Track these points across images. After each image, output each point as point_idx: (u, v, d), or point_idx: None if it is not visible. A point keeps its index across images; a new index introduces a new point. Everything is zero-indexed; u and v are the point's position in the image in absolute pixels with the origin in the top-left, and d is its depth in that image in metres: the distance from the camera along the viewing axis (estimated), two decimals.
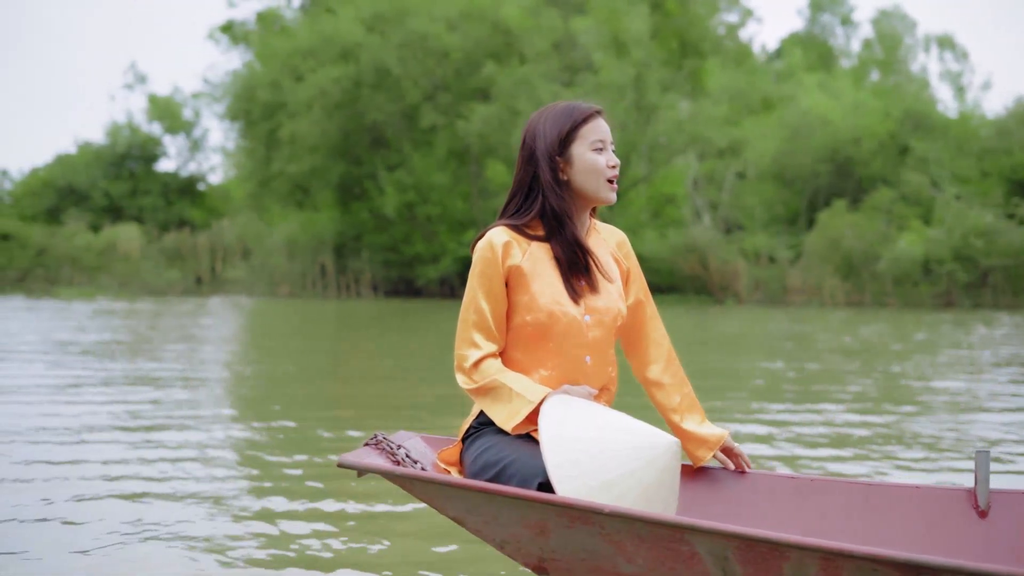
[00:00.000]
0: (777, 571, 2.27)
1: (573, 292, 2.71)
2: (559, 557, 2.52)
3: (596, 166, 2.72)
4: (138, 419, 6.19)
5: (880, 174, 34.28)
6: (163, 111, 40.39)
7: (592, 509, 2.36)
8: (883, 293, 29.44)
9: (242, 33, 38.79)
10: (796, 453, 5.38)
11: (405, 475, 2.56)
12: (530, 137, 2.77)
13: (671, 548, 2.36)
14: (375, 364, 10.60)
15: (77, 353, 10.73)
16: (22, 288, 29.96)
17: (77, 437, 5.50)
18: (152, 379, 8.43)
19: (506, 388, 2.67)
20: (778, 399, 7.76)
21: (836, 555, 2.18)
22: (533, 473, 2.52)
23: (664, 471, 2.55)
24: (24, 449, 5.14)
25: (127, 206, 38.33)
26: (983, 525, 2.84)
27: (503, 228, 2.74)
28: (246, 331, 15.82)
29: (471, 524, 2.58)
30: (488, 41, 29.96)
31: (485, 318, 2.72)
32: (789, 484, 2.96)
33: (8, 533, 3.57)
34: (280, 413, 6.68)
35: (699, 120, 30.70)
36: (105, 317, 18.04)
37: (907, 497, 2.91)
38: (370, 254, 31.77)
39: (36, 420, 6.04)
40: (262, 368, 9.89)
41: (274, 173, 32.20)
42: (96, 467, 4.68)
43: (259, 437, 5.72)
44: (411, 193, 30.66)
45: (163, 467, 4.74)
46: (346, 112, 30.37)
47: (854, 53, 47.14)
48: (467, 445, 2.78)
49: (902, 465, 5.06)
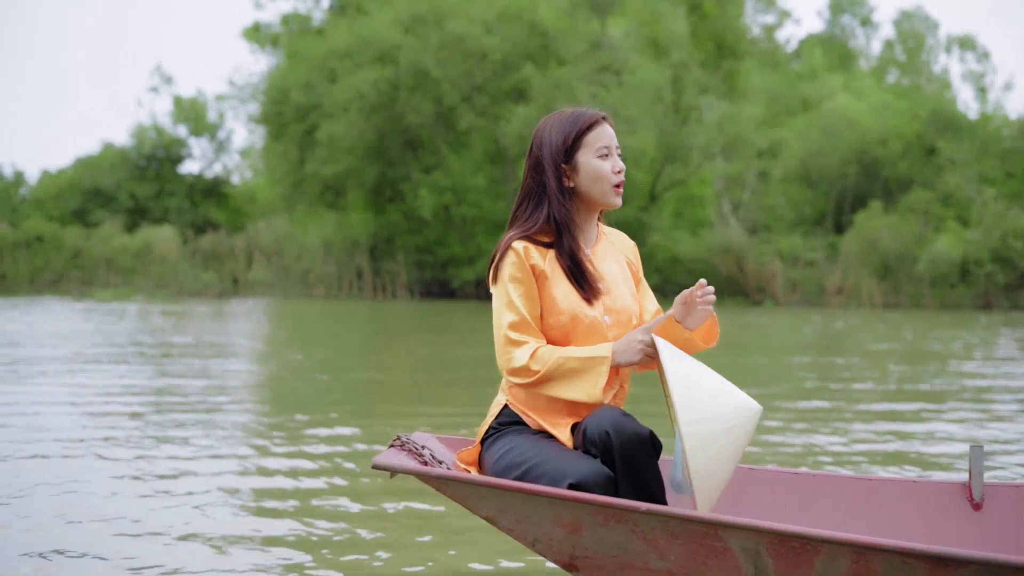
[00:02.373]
0: (808, 565, 2.32)
1: (585, 295, 2.77)
2: (590, 555, 2.57)
3: (602, 172, 2.77)
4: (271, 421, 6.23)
5: (907, 175, 34.33)
6: (188, 113, 40.37)
7: (629, 508, 2.42)
8: (920, 295, 29.50)
9: (269, 35, 38.83)
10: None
11: (441, 476, 2.62)
12: (536, 145, 2.82)
13: (704, 544, 2.40)
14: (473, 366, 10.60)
15: (162, 355, 10.76)
16: (58, 290, 29.92)
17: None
18: (277, 377, 8.51)
19: (572, 359, 2.68)
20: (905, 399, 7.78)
21: (868, 549, 2.23)
22: (562, 473, 2.56)
23: (749, 434, 2.61)
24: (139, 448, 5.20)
25: (152, 208, 38.31)
26: (978, 517, 2.92)
27: (519, 236, 2.79)
28: (314, 334, 15.82)
29: (503, 523, 2.63)
30: (525, 43, 29.99)
31: (525, 318, 2.73)
32: (788, 480, 3.04)
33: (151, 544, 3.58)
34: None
35: (739, 122, 30.74)
36: (165, 319, 18.05)
37: (903, 491, 2.99)
38: (404, 256, 31.78)
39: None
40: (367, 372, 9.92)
41: (307, 175, 32.19)
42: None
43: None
44: (447, 195, 30.68)
45: (325, 468, 4.77)
46: (383, 114, 30.38)
47: (874, 54, 47.29)
48: (487, 446, 2.81)
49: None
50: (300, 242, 31.32)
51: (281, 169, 33.55)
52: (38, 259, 31.15)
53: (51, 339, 12.64)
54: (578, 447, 2.70)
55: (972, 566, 2.17)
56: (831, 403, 7.74)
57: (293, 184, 33.02)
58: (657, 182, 31.71)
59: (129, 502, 4.16)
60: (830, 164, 35.00)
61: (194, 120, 40.52)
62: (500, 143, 29.86)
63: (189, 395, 7.59)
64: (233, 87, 39.46)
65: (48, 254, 31.25)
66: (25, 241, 31.12)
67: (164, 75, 43.09)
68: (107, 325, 15.81)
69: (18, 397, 7.28)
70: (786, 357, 12.16)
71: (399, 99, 30.10)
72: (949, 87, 43.18)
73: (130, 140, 40.33)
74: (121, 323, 16.54)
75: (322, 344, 13.25)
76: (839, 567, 2.29)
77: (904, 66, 45.09)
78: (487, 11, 29.82)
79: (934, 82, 43.23)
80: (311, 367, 10.16)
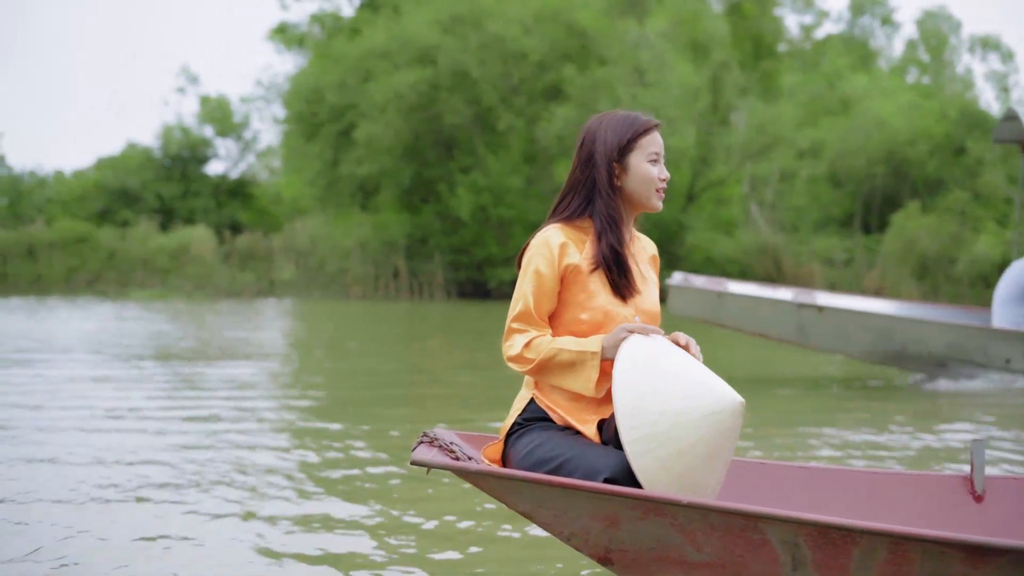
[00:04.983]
0: (846, 557, 2.35)
1: (619, 293, 2.82)
2: (627, 548, 2.59)
3: (650, 175, 2.86)
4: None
5: (936, 175, 34.35)
6: (215, 113, 40.31)
7: (671, 502, 2.44)
8: (959, 295, 29.53)
9: (296, 35, 38.79)
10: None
11: (480, 472, 2.64)
12: (589, 140, 2.89)
13: (742, 536, 2.43)
14: None
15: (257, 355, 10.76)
16: (94, 290, 29.85)
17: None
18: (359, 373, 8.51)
19: (565, 351, 2.72)
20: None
21: (906, 539, 2.27)
22: (597, 469, 2.59)
23: (728, 433, 2.59)
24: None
25: (178, 208, 38.24)
26: (979, 509, 2.99)
27: (558, 227, 2.84)
28: (361, 333, 15.81)
29: (540, 518, 2.65)
30: (562, 43, 30.00)
31: (530, 310, 2.79)
32: (794, 473, 3.10)
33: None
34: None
35: (780, 122, 30.76)
36: (216, 318, 18.04)
37: (907, 484, 3.06)
38: (439, 256, 31.77)
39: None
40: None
41: (342, 175, 32.15)
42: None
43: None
44: (485, 195, 30.66)
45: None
46: (421, 114, 30.37)
47: (895, 54, 47.32)
48: (512, 442, 2.83)
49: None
50: (336, 243, 31.27)
51: (313, 169, 33.49)
52: (74, 260, 31.06)
53: (148, 342, 12.61)
54: (607, 442, 2.73)
55: (1009, 555, 2.22)
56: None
57: (327, 185, 32.97)
58: (695, 183, 31.73)
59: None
60: (858, 164, 35.00)
61: (220, 120, 40.46)
62: (539, 143, 29.86)
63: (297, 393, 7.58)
64: (260, 86, 39.46)
65: (84, 255, 31.16)
66: (61, 242, 31.03)
67: (191, 75, 43.03)
68: (181, 328, 15.80)
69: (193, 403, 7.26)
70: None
71: (438, 99, 30.07)
72: (972, 87, 43.22)
73: (155, 140, 40.31)
74: (188, 326, 16.53)
75: (393, 349, 13.23)
76: (876, 557, 2.32)
77: (926, 66, 45.11)
78: (524, 11, 29.82)
79: (957, 82, 43.25)
80: (405, 377, 10.15)
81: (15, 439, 5.57)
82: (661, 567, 2.58)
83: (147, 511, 4.03)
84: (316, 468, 5.00)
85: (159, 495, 4.30)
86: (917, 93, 39.17)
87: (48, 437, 5.66)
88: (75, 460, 4.99)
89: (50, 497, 4.19)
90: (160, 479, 4.62)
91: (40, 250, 30.82)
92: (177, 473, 4.75)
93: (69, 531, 3.68)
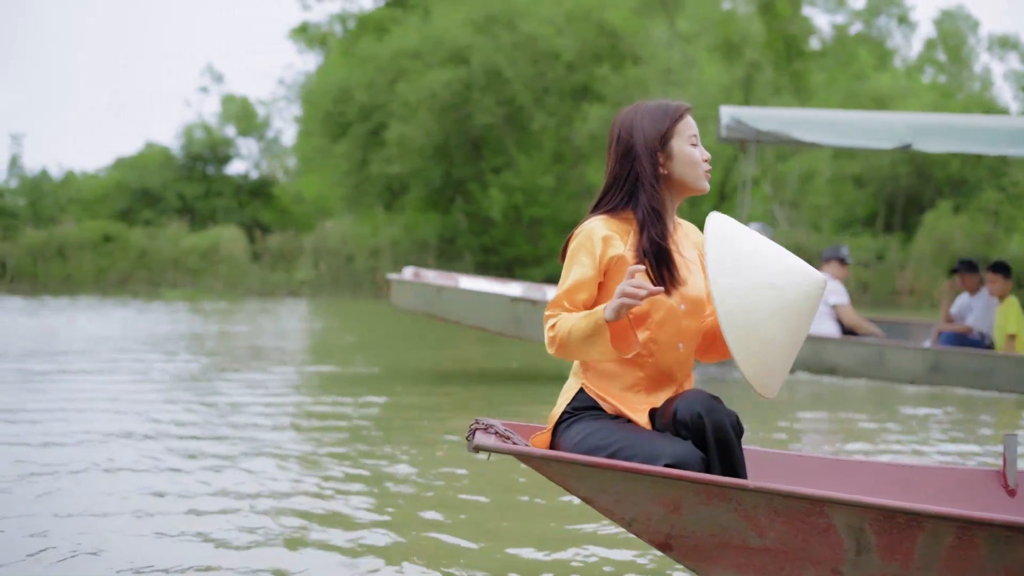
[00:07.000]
0: (911, 541, 2.35)
1: (663, 283, 2.84)
2: (688, 533, 2.59)
3: (695, 157, 2.90)
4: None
5: (959, 174, 34.38)
6: (237, 113, 40.19)
7: (737, 486, 2.46)
8: None
9: (318, 35, 38.71)
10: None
11: (543, 456, 2.68)
12: (626, 134, 2.91)
13: (807, 521, 2.43)
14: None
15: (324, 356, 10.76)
16: (126, 290, 29.75)
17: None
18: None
19: (579, 321, 2.74)
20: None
21: (974, 524, 2.28)
22: (656, 455, 2.61)
23: (806, 299, 2.61)
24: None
25: (200, 208, 38.12)
26: (1012, 503, 3.01)
27: (602, 219, 2.89)
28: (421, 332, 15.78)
29: (601, 503, 2.67)
30: (593, 43, 29.98)
31: (561, 298, 2.85)
32: (830, 465, 3.14)
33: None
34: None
35: None
36: (269, 318, 18.03)
37: (939, 477, 3.09)
38: (469, 256, 31.72)
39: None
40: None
41: (371, 175, 32.07)
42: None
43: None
44: (517, 195, 30.62)
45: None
46: (453, 114, 30.32)
47: (912, 54, 47.39)
48: (561, 431, 2.85)
49: None
50: (366, 242, 31.20)
51: (340, 169, 33.40)
52: (104, 259, 30.96)
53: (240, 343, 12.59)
54: (662, 431, 2.75)
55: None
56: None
57: (355, 185, 32.89)
58: (726, 182, 31.71)
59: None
60: (880, 164, 35.00)
61: (242, 120, 40.34)
62: (572, 143, 29.83)
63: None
64: (282, 86, 39.38)
65: (114, 254, 31.06)
66: (91, 242, 30.92)
67: (216, 73, 42.95)
68: (236, 327, 15.78)
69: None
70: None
71: (471, 99, 30.02)
72: (991, 86, 43.28)
73: (175, 140, 40.17)
74: (241, 325, 16.51)
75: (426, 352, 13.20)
76: (942, 542, 2.32)
77: (944, 66, 45.16)
78: (555, 11, 29.78)
79: (975, 81, 43.30)
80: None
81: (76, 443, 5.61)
82: (721, 553, 2.57)
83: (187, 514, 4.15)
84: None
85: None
86: (937, 93, 39.18)
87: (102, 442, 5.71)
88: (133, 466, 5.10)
89: (84, 511, 4.22)
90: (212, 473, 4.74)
91: (69, 250, 30.70)
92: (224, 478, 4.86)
93: (105, 534, 3.80)
